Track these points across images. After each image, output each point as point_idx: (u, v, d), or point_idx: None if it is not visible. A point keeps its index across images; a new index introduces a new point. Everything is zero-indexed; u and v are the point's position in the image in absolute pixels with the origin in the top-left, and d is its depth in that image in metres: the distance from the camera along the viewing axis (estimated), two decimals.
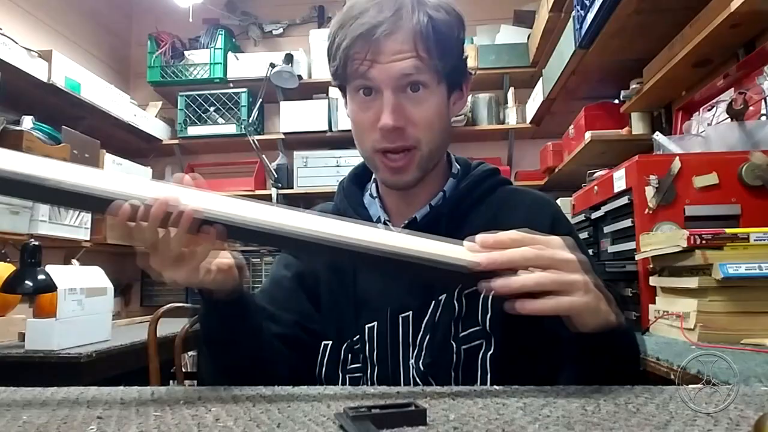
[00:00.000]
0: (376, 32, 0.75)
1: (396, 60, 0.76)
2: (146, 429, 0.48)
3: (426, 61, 0.77)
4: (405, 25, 0.76)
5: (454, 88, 0.84)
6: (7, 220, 2.42)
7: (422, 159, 0.81)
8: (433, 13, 0.78)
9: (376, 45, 0.76)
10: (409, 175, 0.81)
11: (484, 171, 0.90)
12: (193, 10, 3.71)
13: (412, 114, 0.78)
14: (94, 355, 1.69)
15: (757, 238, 1.17)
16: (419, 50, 0.76)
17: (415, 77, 0.77)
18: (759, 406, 0.50)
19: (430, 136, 0.80)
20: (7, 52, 2.43)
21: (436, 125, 0.81)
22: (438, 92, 0.80)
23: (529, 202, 0.88)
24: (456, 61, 0.82)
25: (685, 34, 1.76)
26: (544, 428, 0.44)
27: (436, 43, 0.77)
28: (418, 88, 0.78)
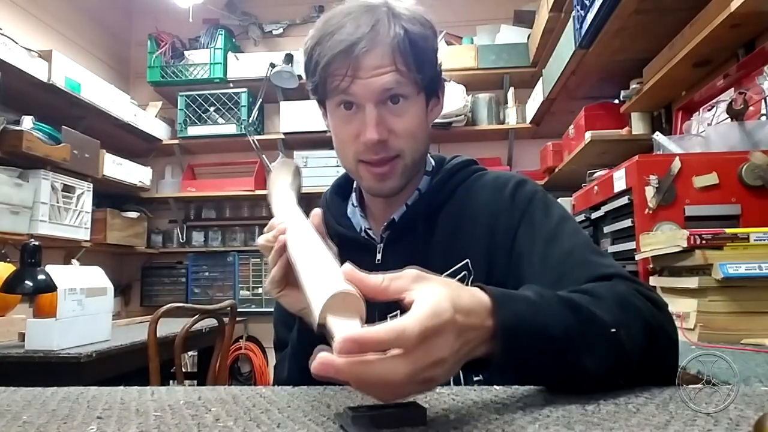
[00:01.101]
0: (355, 49, 0.76)
1: (376, 75, 0.77)
2: (146, 429, 0.48)
3: (405, 74, 0.78)
4: (383, 40, 0.77)
5: (432, 96, 0.86)
6: (7, 220, 2.42)
7: (406, 167, 0.82)
8: (409, 26, 0.79)
9: (356, 61, 0.77)
10: (393, 181, 0.83)
11: (456, 164, 0.91)
12: (193, 10, 3.72)
13: (394, 125, 0.80)
14: (94, 355, 1.69)
15: (757, 238, 1.17)
16: (398, 64, 0.78)
17: (395, 91, 0.79)
18: (759, 406, 0.50)
19: (413, 145, 0.82)
20: (7, 52, 2.43)
21: (418, 134, 0.82)
22: (417, 102, 0.82)
23: (490, 185, 0.87)
24: (432, 71, 0.84)
25: (685, 34, 1.76)
26: (544, 428, 0.44)
27: (413, 56, 0.78)
28: (398, 100, 0.79)
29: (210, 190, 3.76)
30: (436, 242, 0.85)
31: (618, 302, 0.61)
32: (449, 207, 0.87)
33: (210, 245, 3.92)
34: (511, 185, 0.85)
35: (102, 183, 3.17)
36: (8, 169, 2.50)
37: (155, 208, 3.95)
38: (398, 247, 0.86)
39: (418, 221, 0.86)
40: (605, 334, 0.57)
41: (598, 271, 0.70)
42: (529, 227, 0.81)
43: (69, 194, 2.86)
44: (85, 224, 2.99)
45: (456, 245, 0.84)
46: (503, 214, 0.83)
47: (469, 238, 0.84)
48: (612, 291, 0.63)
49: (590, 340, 0.56)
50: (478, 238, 0.83)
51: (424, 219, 0.86)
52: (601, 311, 0.58)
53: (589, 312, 0.57)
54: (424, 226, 0.86)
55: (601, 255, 0.77)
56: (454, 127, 3.51)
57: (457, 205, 0.87)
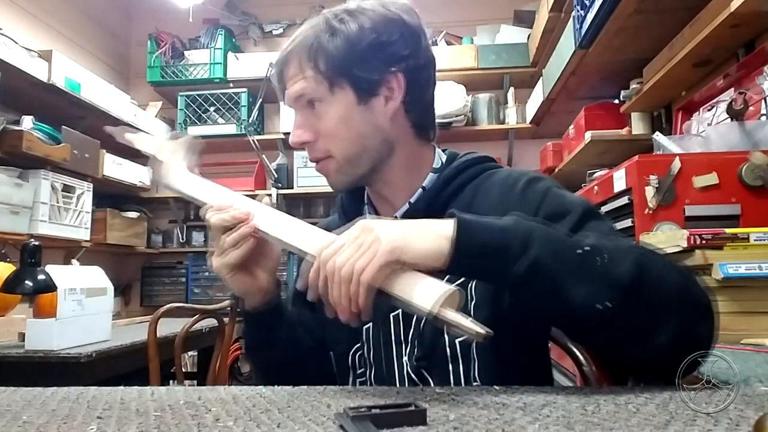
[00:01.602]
0: (280, 62, 0.85)
1: (290, 85, 0.83)
2: (146, 429, 0.48)
3: (312, 78, 0.81)
4: (295, 50, 0.83)
5: (370, 93, 0.82)
6: (7, 220, 2.42)
7: (339, 165, 0.84)
8: (324, 35, 0.81)
9: (282, 72, 0.85)
10: (332, 179, 0.86)
11: (467, 160, 0.89)
12: (193, 10, 3.72)
13: (317, 126, 0.83)
14: (94, 355, 1.69)
15: (757, 238, 1.17)
16: (304, 71, 0.82)
17: (307, 96, 0.82)
18: (759, 406, 0.50)
19: (340, 144, 0.83)
20: (7, 52, 2.43)
21: (341, 133, 0.82)
22: (336, 102, 0.82)
23: (500, 182, 0.86)
24: (360, 69, 0.81)
25: (685, 34, 1.76)
26: (544, 428, 0.44)
27: (324, 58, 0.80)
28: (313, 105, 0.83)
29: None
30: None
31: (613, 245, 0.64)
32: (457, 204, 0.85)
33: (210, 245, 3.91)
34: (523, 182, 0.83)
35: (102, 183, 3.17)
36: (8, 169, 2.50)
37: (155, 208, 3.95)
38: None
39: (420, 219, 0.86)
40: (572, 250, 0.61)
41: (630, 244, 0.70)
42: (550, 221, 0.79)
43: (69, 194, 2.86)
44: (85, 224, 2.99)
45: None
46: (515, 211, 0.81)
47: None
48: (615, 241, 0.67)
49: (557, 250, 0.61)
50: None
51: (425, 216, 0.85)
52: (578, 237, 0.65)
53: (561, 233, 0.65)
54: None
55: (631, 239, 0.77)
56: (454, 127, 3.51)
57: (464, 204, 0.85)
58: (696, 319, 0.61)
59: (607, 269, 0.60)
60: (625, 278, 0.59)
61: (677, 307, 0.61)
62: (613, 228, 0.78)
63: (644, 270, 0.60)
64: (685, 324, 0.60)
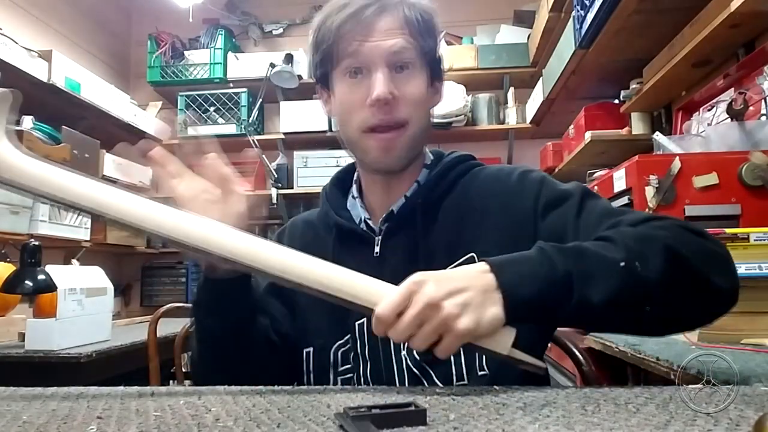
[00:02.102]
0: (366, 11, 0.79)
1: (386, 38, 0.79)
2: (146, 429, 0.48)
3: (412, 42, 0.80)
4: (393, 7, 0.80)
5: (433, 79, 0.86)
6: (7, 220, 2.42)
7: (411, 138, 0.82)
8: (414, 3, 0.82)
9: (367, 24, 0.79)
10: (398, 152, 0.82)
11: (454, 158, 0.91)
12: (193, 10, 3.71)
13: (403, 90, 0.80)
14: (94, 355, 1.69)
15: (757, 238, 1.17)
16: (407, 31, 0.80)
17: (404, 56, 0.80)
18: (759, 406, 0.50)
19: (419, 114, 0.82)
20: (7, 52, 2.43)
21: (423, 104, 0.83)
22: (422, 74, 0.83)
23: (494, 177, 0.88)
24: (435, 51, 0.85)
25: (685, 34, 1.76)
26: (544, 428, 0.44)
27: (421, 27, 0.81)
28: (407, 67, 0.81)
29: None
30: (438, 236, 0.84)
31: (635, 237, 0.66)
32: (450, 200, 0.86)
33: None
34: (517, 174, 0.86)
35: None
36: None
37: None
38: (397, 240, 0.85)
39: (416, 214, 0.85)
40: (612, 268, 0.62)
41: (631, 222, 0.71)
42: (552, 212, 0.80)
43: None
44: (85, 224, 2.99)
45: (460, 239, 0.82)
46: (513, 203, 0.82)
47: (474, 232, 0.82)
48: (632, 230, 0.68)
49: (594, 275, 0.61)
50: (485, 232, 0.82)
51: (423, 211, 0.85)
52: (608, 251, 0.64)
53: (593, 253, 0.64)
54: (423, 219, 0.85)
55: (629, 212, 0.77)
56: (454, 127, 3.51)
57: (458, 199, 0.86)
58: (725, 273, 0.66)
59: (644, 274, 0.62)
60: (662, 273, 0.63)
61: (710, 268, 0.65)
62: (608, 204, 0.81)
63: (675, 252, 0.63)
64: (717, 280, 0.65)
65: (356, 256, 0.86)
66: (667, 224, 0.69)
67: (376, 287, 0.63)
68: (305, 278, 0.64)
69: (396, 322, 0.59)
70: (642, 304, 0.62)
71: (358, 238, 0.87)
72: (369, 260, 0.85)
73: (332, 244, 0.88)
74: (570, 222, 0.77)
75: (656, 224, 0.69)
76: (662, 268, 0.62)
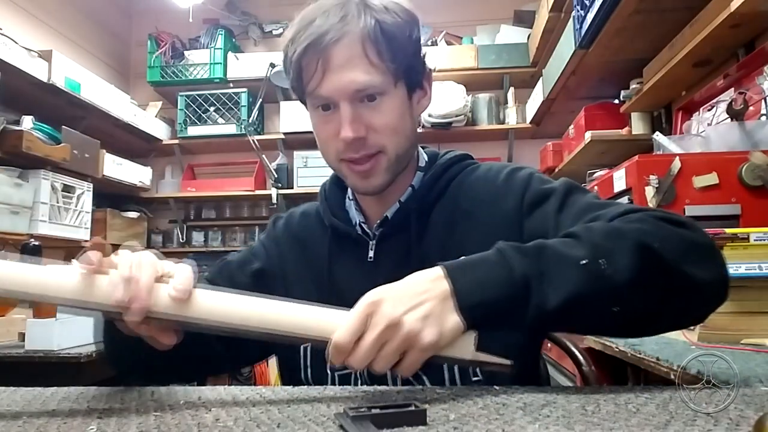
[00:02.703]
0: (323, 41, 0.73)
1: (347, 72, 0.74)
2: (146, 429, 0.48)
3: (377, 64, 0.75)
4: (352, 29, 0.74)
5: (415, 88, 0.83)
6: (7, 220, 2.42)
7: (389, 162, 0.80)
8: (380, 15, 0.76)
9: (326, 55, 0.74)
10: (378, 179, 0.80)
11: (449, 159, 0.89)
12: (193, 10, 3.71)
13: (372, 122, 0.77)
14: (94, 355, 1.69)
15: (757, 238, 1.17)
16: (369, 54, 0.75)
17: (368, 89, 0.75)
18: (759, 406, 0.50)
19: (395, 140, 0.79)
20: (7, 52, 2.43)
21: (399, 128, 0.79)
22: (396, 95, 0.79)
23: (482, 177, 0.86)
24: (411, 61, 0.80)
25: (685, 34, 1.76)
26: (544, 428, 0.44)
27: (386, 45, 0.75)
28: (374, 98, 0.76)
29: (210, 190, 3.76)
30: (431, 239, 0.83)
31: (603, 233, 0.61)
32: (443, 203, 0.86)
33: (210, 245, 3.92)
34: (504, 173, 0.85)
35: (102, 183, 3.17)
36: (8, 169, 2.50)
37: (155, 208, 3.95)
38: (391, 245, 0.84)
39: (411, 218, 0.84)
40: (573, 266, 0.58)
41: (611, 216, 0.67)
42: (536, 210, 0.78)
43: (69, 194, 2.86)
44: (85, 224, 2.99)
45: (451, 242, 0.82)
46: (499, 203, 0.81)
47: (464, 234, 0.82)
48: (602, 225, 0.64)
49: (552, 275, 0.58)
50: (474, 233, 0.81)
51: (417, 216, 0.85)
52: (571, 248, 0.59)
53: (554, 252, 0.59)
54: (417, 224, 0.84)
55: (612, 205, 0.73)
56: (454, 127, 3.51)
57: (450, 201, 0.85)
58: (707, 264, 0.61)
59: (609, 272, 0.58)
60: (630, 270, 0.57)
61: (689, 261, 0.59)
62: (596, 197, 0.78)
63: (646, 248, 0.59)
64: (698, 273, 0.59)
65: (351, 258, 0.86)
66: (644, 216, 0.64)
67: (328, 316, 0.58)
68: (247, 322, 0.57)
69: (355, 348, 0.55)
70: (608, 304, 0.58)
71: (353, 241, 0.87)
72: (363, 264, 0.85)
73: (328, 245, 0.88)
74: (551, 219, 0.75)
75: (631, 217, 0.65)
76: (631, 265, 0.57)
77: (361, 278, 0.82)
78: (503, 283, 0.58)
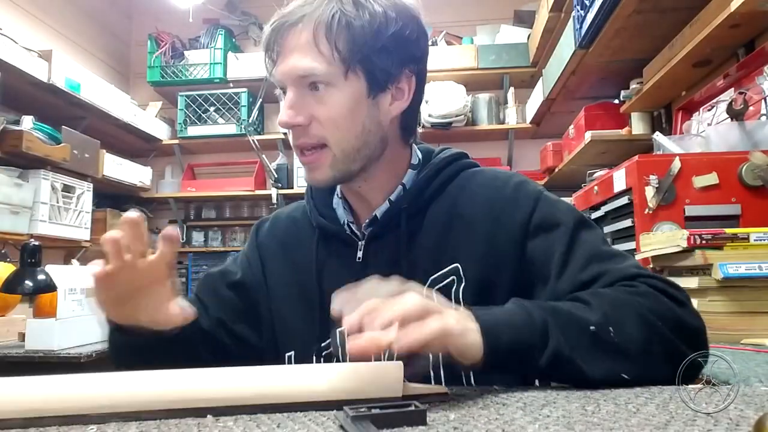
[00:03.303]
0: (283, 26, 0.74)
1: (293, 57, 0.73)
2: (146, 429, 0.48)
3: (325, 54, 0.73)
4: (311, 16, 0.73)
5: (382, 87, 0.77)
6: (7, 220, 2.42)
7: (335, 159, 0.77)
8: (346, 6, 0.73)
9: (281, 42, 0.74)
10: (321, 173, 0.78)
11: (445, 157, 0.85)
12: (193, 10, 3.72)
13: (316, 112, 0.75)
14: (94, 355, 1.68)
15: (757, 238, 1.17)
16: (319, 45, 0.72)
17: (312, 76, 0.73)
18: (759, 406, 0.50)
19: (339, 135, 0.76)
20: (7, 52, 2.43)
21: (344, 124, 0.76)
22: (346, 89, 0.75)
23: (489, 181, 0.82)
24: (375, 57, 0.75)
25: (685, 34, 1.76)
26: (544, 428, 0.44)
27: (341, 36, 0.72)
28: (318, 87, 0.74)
29: (210, 190, 3.77)
30: (423, 242, 0.80)
31: (612, 302, 0.64)
32: (439, 205, 0.82)
33: (210, 245, 3.92)
34: (512, 184, 0.81)
35: (102, 183, 3.18)
36: (8, 169, 2.50)
37: (155, 208, 3.95)
38: (381, 245, 0.82)
39: (401, 218, 0.81)
40: (584, 332, 0.61)
41: (616, 276, 0.70)
42: (542, 235, 0.76)
43: (69, 194, 2.86)
44: (85, 224, 2.99)
45: (446, 247, 0.79)
46: (504, 214, 0.78)
47: (462, 242, 0.79)
48: (611, 293, 0.66)
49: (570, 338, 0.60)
50: (472, 243, 0.78)
51: (408, 216, 0.81)
52: (584, 312, 0.62)
53: (569, 314, 0.62)
54: (409, 224, 0.81)
55: (618, 258, 0.74)
56: (454, 127, 3.51)
57: (449, 204, 0.82)
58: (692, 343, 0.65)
59: (619, 341, 0.61)
60: (638, 344, 0.61)
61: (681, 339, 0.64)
62: (603, 240, 0.78)
63: (650, 324, 0.62)
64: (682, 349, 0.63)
65: (339, 259, 0.84)
66: (646, 291, 0.66)
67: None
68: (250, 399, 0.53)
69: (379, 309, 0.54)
70: (613, 370, 0.60)
71: (342, 241, 0.84)
72: (352, 265, 0.82)
73: (315, 246, 0.86)
74: (557, 254, 0.74)
75: (635, 290, 0.66)
76: (640, 341, 0.61)
77: (349, 279, 0.79)
78: (524, 321, 0.60)
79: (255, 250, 0.93)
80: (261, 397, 0.52)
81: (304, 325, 0.84)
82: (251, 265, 0.91)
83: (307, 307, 0.84)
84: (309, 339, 0.82)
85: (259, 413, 0.51)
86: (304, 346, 0.83)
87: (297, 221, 0.92)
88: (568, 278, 0.72)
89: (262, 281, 0.89)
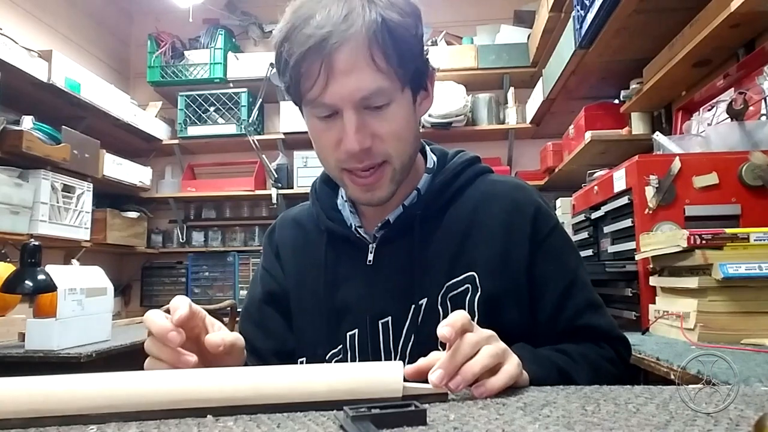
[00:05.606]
0: (326, 46, 0.66)
1: (352, 78, 0.68)
2: (146, 429, 0.48)
3: (385, 70, 0.69)
4: (357, 31, 0.67)
5: (419, 90, 0.77)
6: (7, 220, 2.42)
7: (395, 172, 0.75)
8: (386, 12, 0.68)
9: (329, 60, 0.67)
10: (382, 191, 0.76)
11: (461, 162, 0.84)
12: (193, 10, 3.71)
13: (379, 130, 0.72)
14: (94, 355, 1.69)
15: (757, 238, 1.17)
16: (376, 59, 0.68)
17: (375, 97, 0.70)
18: (759, 406, 0.50)
19: (401, 148, 0.74)
20: (7, 52, 2.43)
21: (406, 135, 0.75)
22: (403, 101, 0.73)
23: (510, 194, 0.82)
24: (418, 62, 0.74)
25: (685, 34, 1.76)
26: (544, 428, 0.44)
27: (394, 47, 0.69)
28: (380, 106, 0.71)
29: (210, 190, 3.77)
30: (438, 247, 0.79)
31: (592, 367, 0.75)
32: (456, 211, 0.81)
33: (210, 245, 3.92)
34: (532, 211, 0.80)
35: (102, 183, 3.17)
36: (8, 169, 2.50)
37: (155, 208, 3.95)
38: (393, 249, 0.81)
39: (414, 224, 0.80)
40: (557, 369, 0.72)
41: (596, 333, 0.80)
42: (551, 261, 0.79)
43: (69, 194, 2.86)
44: (85, 224, 2.99)
45: (461, 254, 0.78)
46: (520, 237, 0.79)
47: (479, 251, 0.78)
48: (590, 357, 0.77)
49: None
50: (489, 253, 0.78)
51: (422, 221, 0.80)
52: (577, 374, 0.72)
53: (568, 376, 0.71)
54: (422, 229, 0.80)
55: (602, 314, 0.82)
56: (454, 127, 3.51)
57: (466, 211, 0.81)
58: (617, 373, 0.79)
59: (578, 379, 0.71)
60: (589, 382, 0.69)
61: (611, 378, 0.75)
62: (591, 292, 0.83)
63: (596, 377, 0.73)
64: None
65: (348, 262, 0.83)
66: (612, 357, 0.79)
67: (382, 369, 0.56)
68: None
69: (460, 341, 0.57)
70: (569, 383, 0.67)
71: (351, 244, 0.83)
72: (362, 268, 0.81)
73: (324, 249, 0.84)
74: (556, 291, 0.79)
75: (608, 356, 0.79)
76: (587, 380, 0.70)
77: (359, 282, 0.81)
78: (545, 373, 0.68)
79: (274, 260, 0.91)
80: (261, 397, 0.52)
81: (315, 332, 0.83)
82: (274, 276, 0.89)
83: (317, 310, 0.83)
84: (320, 345, 0.82)
85: (259, 413, 0.51)
86: (316, 352, 0.82)
87: (303, 225, 0.90)
88: (565, 319, 0.79)
89: (285, 287, 0.88)
